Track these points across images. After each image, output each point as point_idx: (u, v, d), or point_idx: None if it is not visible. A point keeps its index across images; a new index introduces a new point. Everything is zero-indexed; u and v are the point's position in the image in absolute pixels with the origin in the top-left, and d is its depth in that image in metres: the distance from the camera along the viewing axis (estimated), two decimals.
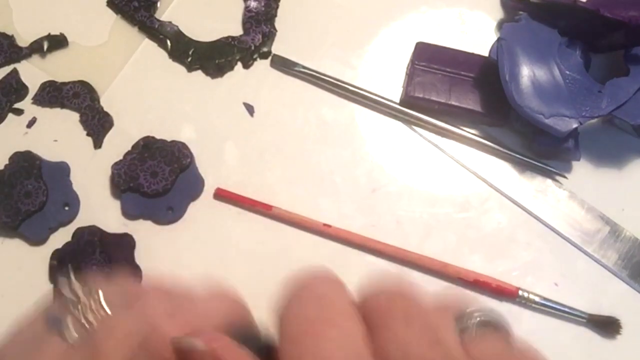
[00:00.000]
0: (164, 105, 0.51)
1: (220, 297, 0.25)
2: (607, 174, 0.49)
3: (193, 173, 0.49)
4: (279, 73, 0.52)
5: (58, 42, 0.52)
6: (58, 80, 0.51)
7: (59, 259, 0.46)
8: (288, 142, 0.50)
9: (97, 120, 0.50)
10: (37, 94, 0.51)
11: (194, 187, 0.48)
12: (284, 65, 0.51)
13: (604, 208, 0.48)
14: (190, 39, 0.53)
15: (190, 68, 0.52)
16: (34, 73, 0.52)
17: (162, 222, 0.48)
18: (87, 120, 0.50)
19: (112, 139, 0.50)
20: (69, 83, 0.51)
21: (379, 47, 0.52)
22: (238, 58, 0.52)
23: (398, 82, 0.51)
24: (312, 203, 0.48)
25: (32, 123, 0.50)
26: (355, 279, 0.49)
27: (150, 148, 0.48)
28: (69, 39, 0.53)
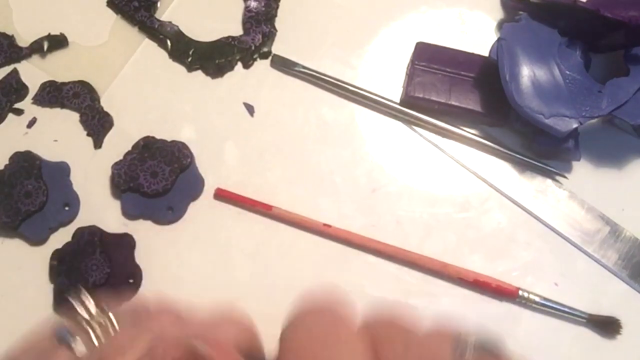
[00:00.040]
0: (164, 105, 0.51)
1: (231, 321, 0.25)
2: (607, 174, 0.49)
3: (193, 173, 0.49)
4: (279, 73, 0.52)
5: (58, 42, 0.52)
6: (58, 80, 0.51)
7: (59, 259, 0.46)
8: (288, 142, 0.50)
9: (97, 120, 0.50)
10: (37, 94, 0.51)
11: (194, 187, 0.48)
12: (284, 65, 0.51)
13: (604, 208, 0.48)
14: (190, 39, 0.53)
15: (190, 68, 0.52)
16: (34, 73, 0.52)
17: (162, 222, 0.48)
18: (87, 120, 0.50)
19: (112, 139, 0.50)
20: (69, 83, 0.51)
21: (379, 47, 0.52)
22: (238, 58, 0.52)
23: (398, 82, 0.51)
24: (312, 203, 0.48)
25: (32, 123, 0.50)
26: (355, 279, 0.49)
27: (150, 148, 0.48)
28: (69, 39, 0.53)
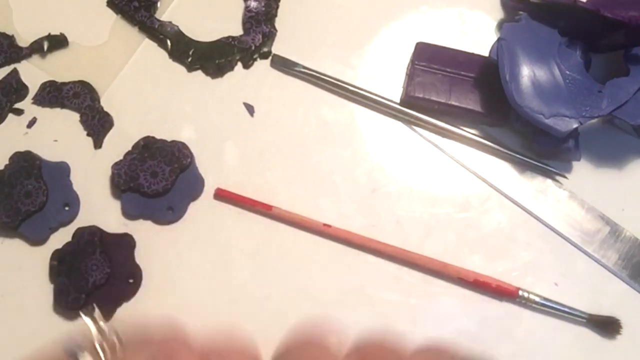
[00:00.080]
0: (164, 105, 0.51)
1: (238, 349, 0.26)
2: (607, 174, 0.49)
3: (193, 173, 0.49)
4: (279, 73, 0.52)
5: (58, 42, 0.52)
6: (58, 80, 0.51)
7: (59, 259, 0.46)
8: (288, 142, 0.50)
9: (97, 120, 0.50)
10: (37, 94, 0.51)
11: (194, 187, 0.48)
12: (284, 65, 0.51)
13: (604, 208, 0.48)
14: (190, 39, 0.53)
15: (190, 68, 0.52)
16: (34, 73, 0.52)
17: (162, 222, 0.48)
18: (87, 120, 0.50)
19: (112, 139, 0.50)
20: (69, 83, 0.51)
21: (379, 47, 0.52)
22: (238, 58, 0.52)
23: (398, 82, 0.51)
24: (312, 203, 0.48)
25: (32, 123, 0.50)
26: (355, 279, 0.49)
27: (150, 148, 0.48)
28: (69, 39, 0.53)
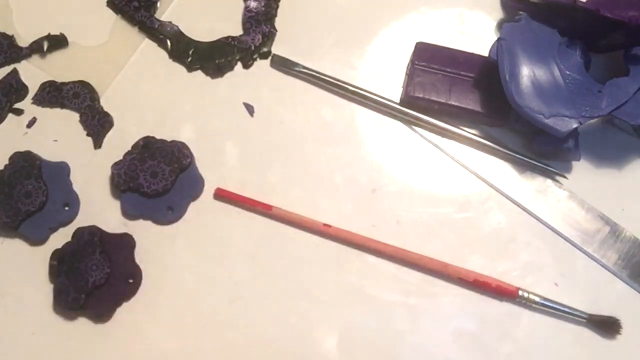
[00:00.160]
0: (164, 105, 0.51)
1: None
2: (607, 174, 0.49)
3: (193, 173, 0.49)
4: (279, 73, 0.52)
5: (58, 42, 0.53)
6: (58, 80, 0.51)
7: (59, 259, 0.46)
8: (288, 142, 0.50)
9: (97, 120, 0.50)
10: (37, 94, 0.51)
11: (194, 187, 0.48)
12: (284, 65, 0.51)
13: (604, 208, 0.48)
14: (190, 39, 0.53)
15: (190, 68, 0.52)
16: (34, 73, 0.52)
17: (162, 222, 0.48)
18: (87, 120, 0.50)
19: (112, 139, 0.50)
20: (69, 83, 0.51)
21: (379, 47, 0.52)
22: (238, 58, 0.52)
23: (398, 82, 0.51)
24: (312, 203, 0.48)
25: (32, 123, 0.50)
26: (355, 279, 0.49)
27: (150, 148, 0.48)
28: (69, 39, 0.53)
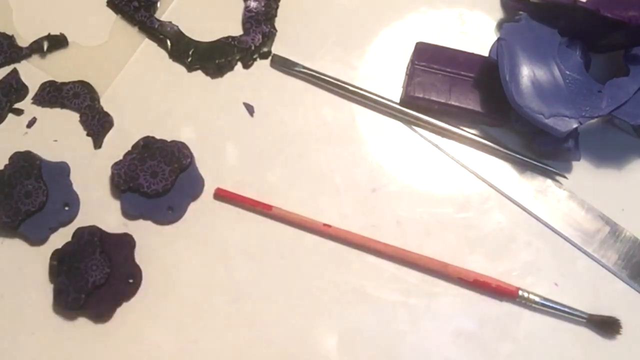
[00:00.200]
0: (164, 105, 0.51)
1: None
2: (607, 174, 0.49)
3: (193, 173, 0.49)
4: (279, 73, 0.52)
5: (58, 42, 0.53)
6: (58, 80, 0.51)
7: (59, 259, 0.46)
8: (288, 142, 0.50)
9: (97, 120, 0.50)
10: (37, 94, 0.51)
11: (194, 187, 0.48)
12: (284, 65, 0.51)
13: (604, 208, 0.48)
14: (190, 39, 0.53)
15: (190, 68, 0.52)
16: (34, 73, 0.52)
17: (162, 222, 0.48)
18: (87, 120, 0.50)
19: (112, 139, 0.50)
20: (69, 83, 0.51)
21: (379, 47, 0.52)
22: (238, 58, 0.52)
23: (398, 82, 0.51)
24: (312, 203, 0.48)
25: (32, 123, 0.50)
26: (355, 279, 0.49)
27: (150, 148, 0.48)
28: (69, 39, 0.53)
